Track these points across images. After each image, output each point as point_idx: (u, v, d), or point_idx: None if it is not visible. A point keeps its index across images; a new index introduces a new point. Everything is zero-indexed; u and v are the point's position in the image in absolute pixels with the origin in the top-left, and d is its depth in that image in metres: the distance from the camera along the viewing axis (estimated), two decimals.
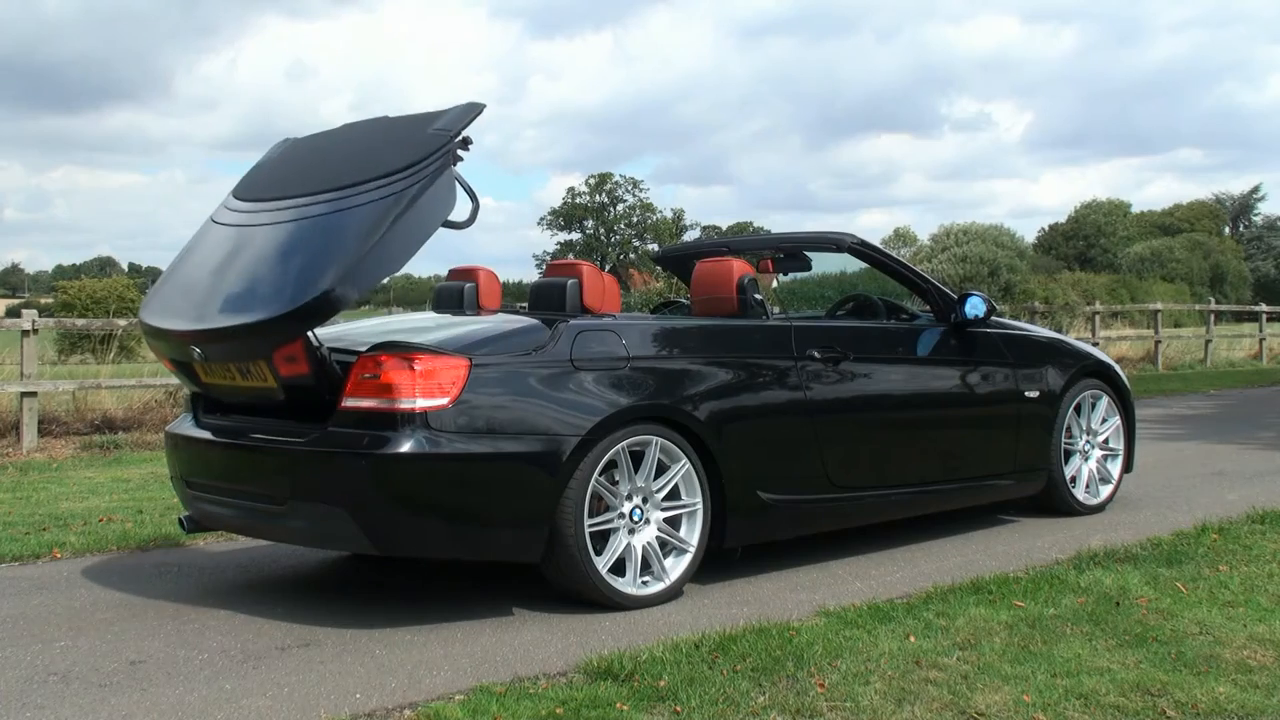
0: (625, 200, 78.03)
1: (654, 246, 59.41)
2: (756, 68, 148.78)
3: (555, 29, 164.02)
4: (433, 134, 4.53)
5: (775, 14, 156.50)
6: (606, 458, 4.46)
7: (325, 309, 4.19)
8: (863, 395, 5.41)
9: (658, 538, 4.66)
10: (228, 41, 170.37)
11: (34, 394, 10.00)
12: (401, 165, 4.42)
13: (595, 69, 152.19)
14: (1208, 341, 21.96)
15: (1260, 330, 23.67)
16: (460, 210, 4.56)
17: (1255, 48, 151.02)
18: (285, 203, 4.67)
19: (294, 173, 4.95)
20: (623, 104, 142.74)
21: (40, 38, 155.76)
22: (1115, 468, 6.56)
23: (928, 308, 6.03)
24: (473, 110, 4.63)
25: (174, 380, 10.29)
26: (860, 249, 5.77)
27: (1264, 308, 24.34)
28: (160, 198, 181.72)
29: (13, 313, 10.94)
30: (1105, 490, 6.51)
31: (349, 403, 4.29)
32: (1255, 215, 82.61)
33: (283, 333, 4.24)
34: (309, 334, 4.29)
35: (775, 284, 6.99)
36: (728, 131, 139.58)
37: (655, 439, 4.60)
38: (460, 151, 4.53)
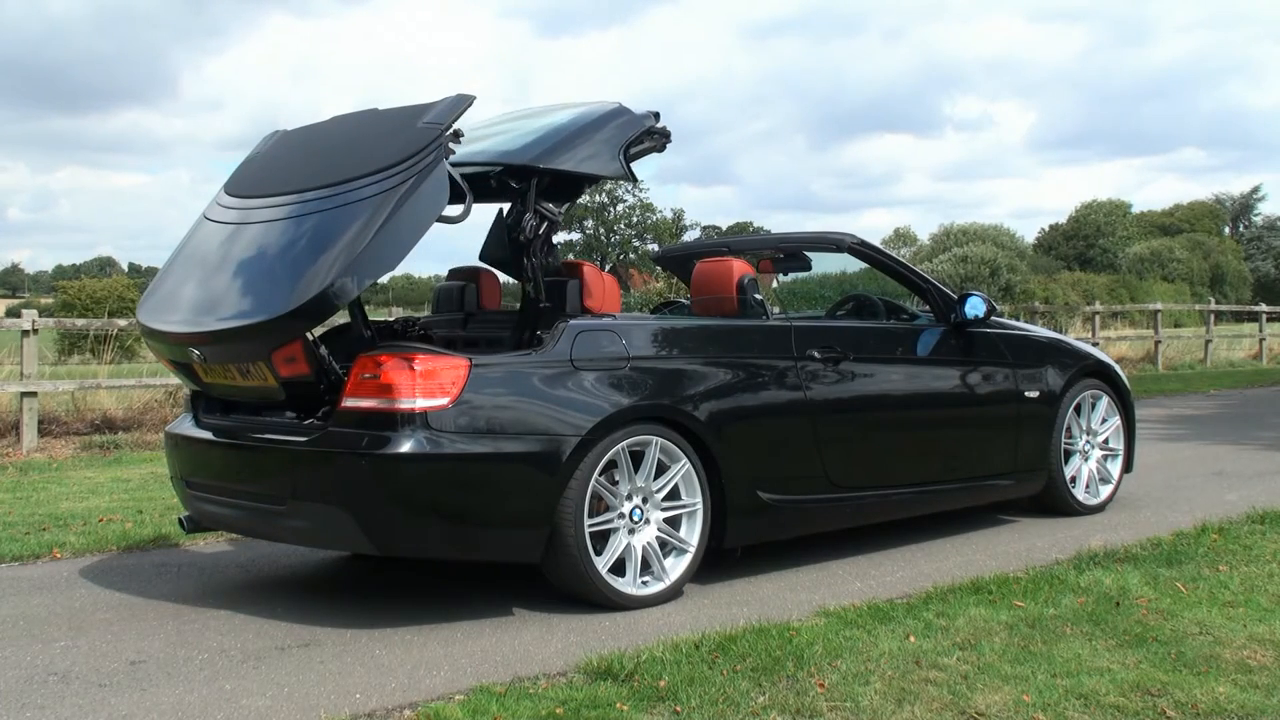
0: (625, 200, 77.97)
1: (654, 246, 59.33)
2: (761, 68, 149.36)
3: (561, 28, 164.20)
4: (424, 127, 4.49)
5: (781, 14, 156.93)
6: (606, 458, 4.45)
7: (323, 309, 4.18)
8: (863, 395, 5.41)
9: (658, 538, 4.66)
10: (235, 42, 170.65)
11: (34, 394, 9.99)
12: (395, 160, 4.37)
13: (600, 68, 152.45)
14: (1208, 341, 21.95)
15: (1260, 330, 23.66)
16: (453, 205, 4.54)
17: (1259, 49, 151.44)
18: (279, 199, 4.63)
19: (286, 167, 4.91)
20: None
21: (46, 38, 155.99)
22: (1115, 468, 6.56)
23: (927, 308, 6.03)
24: (463, 102, 4.58)
25: (174, 380, 10.29)
26: (860, 249, 5.76)
27: (1264, 308, 24.35)
28: (164, 198, 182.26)
29: (13, 313, 10.92)
30: (1105, 490, 6.51)
31: (349, 403, 4.28)
32: (1255, 215, 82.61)
33: (281, 334, 4.23)
34: (307, 334, 4.29)
35: (775, 284, 6.99)
36: (731, 131, 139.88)
37: (655, 439, 4.60)
38: (452, 145, 4.48)
